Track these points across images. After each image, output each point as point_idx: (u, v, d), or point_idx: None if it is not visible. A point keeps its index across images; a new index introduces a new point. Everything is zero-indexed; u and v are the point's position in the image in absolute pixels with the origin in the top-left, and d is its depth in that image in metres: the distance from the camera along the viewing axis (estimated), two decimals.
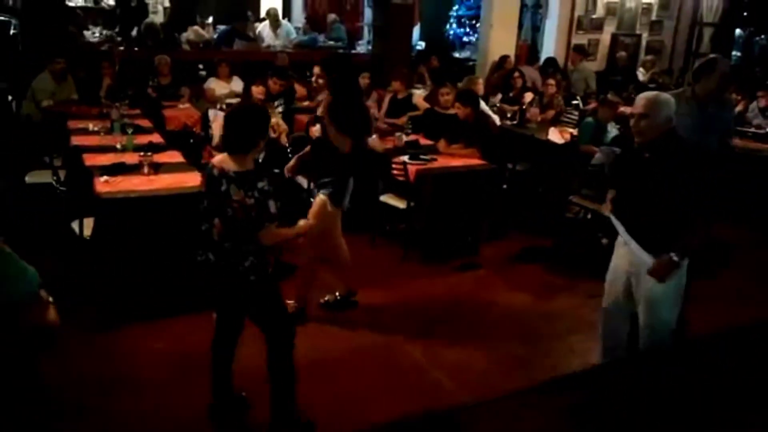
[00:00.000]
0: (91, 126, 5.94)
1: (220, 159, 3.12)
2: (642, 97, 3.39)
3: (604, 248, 5.71)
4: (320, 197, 4.34)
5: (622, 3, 11.15)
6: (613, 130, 6.29)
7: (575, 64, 9.88)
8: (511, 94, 8.38)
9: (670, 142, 3.30)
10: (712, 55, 4.44)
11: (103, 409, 3.43)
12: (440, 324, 4.52)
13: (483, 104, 6.85)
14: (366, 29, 11.57)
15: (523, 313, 4.80)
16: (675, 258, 3.23)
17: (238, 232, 3.03)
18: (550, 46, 10.77)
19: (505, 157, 6.38)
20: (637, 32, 11.46)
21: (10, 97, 7.31)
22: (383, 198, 5.67)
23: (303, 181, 5.94)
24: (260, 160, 6.23)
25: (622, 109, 6.74)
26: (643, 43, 11.57)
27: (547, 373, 3.97)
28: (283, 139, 6.54)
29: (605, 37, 11.17)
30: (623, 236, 3.45)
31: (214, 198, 3.06)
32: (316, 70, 7.89)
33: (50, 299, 2.47)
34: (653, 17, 11.54)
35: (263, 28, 10.49)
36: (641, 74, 10.49)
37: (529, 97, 8.03)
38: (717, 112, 4.32)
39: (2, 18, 8.73)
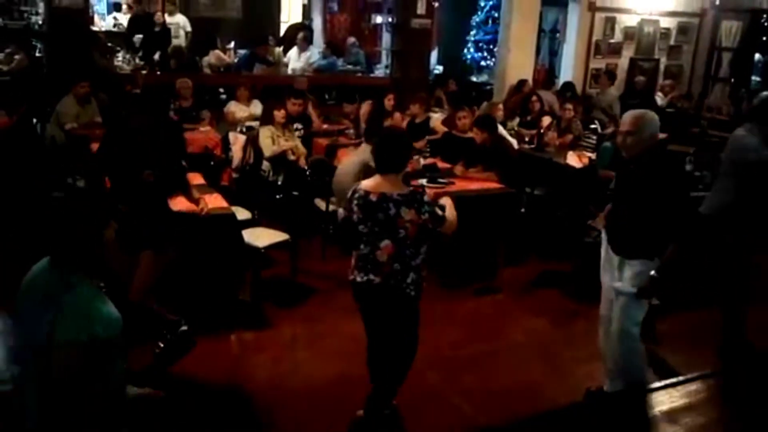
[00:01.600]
0: None
1: (370, 185, 3.28)
2: (628, 115, 3.65)
3: None
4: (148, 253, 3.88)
5: (641, 28, 11.18)
6: None
7: (604, 88, 9.88)
8: (528, 118, 8.40)
9: (654, 156, 3.54)
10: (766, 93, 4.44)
11: None
12: (459, 348, 4.50)
13: (501, 128, 6.88)
14: (384, 53, 11.69)
15: (542, 337, 4.77)
16: (655, 275, 3.47)
17: (410, 250, 3.23)
18: (567, 71, 10.81)
19: (523, 181, 6.39)
20: (656, 57, 11.46)
21: (35, 120, 7.44)
22: None
23: (321, 204, 5.98)
24: (279, 183, 6.34)
25: None
26: (662, 67, 11.56)
27: (567, 398, 3.94)
28: (302, 162, 6.61)
29: (623, 62, 11.18)
30: (609, 252, 3.72)
31: (380, 222, 3.21)
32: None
33: None
34: (672, 42, 11.54)
35: (293, 53, 10.61)
36: (660, 98, 10.47)
37: (547, 121, 8.04)
38: None
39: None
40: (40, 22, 9.51)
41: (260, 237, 4.97)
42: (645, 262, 3.51)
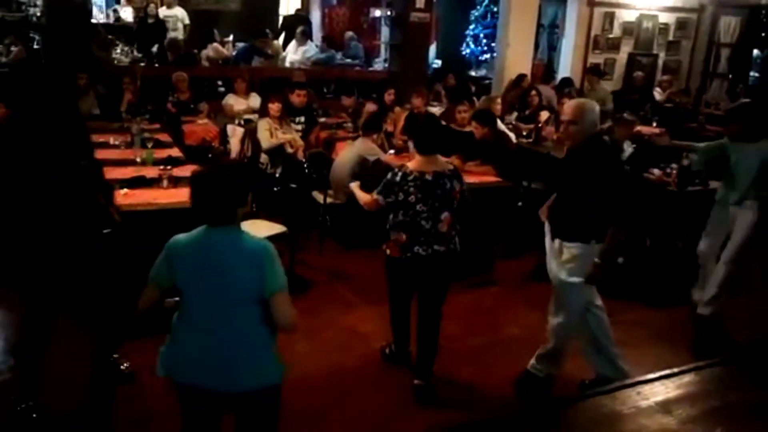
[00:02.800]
0: (112, 140, 6.04)
1: (417, 166, 3.66)
2: (569, 105, 3.79)
3: (620, 268, 5.72)
4: None
5: (639, 23, 11.19)
6: (629, 149, 6.27)
7: (592, 85, 9.93)
8: (527, 113, 8.41)
9: (594, 144, 3.65)
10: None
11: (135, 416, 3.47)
12: (455, 341, 4.51)
13: (499, 122, 6.89)
14: (383, 47, 11.68)
15: (538, 330, 4.76)
16: (598, 261, 3.60)
17: (457, 217, 3.72)
18: (566, 66, 10.82)
19: (521, 174, 6.39)
20: (654, 52, 11.48)
21: None
22: None
23: (319, 197, 6.00)
24: (277, 175, 6.35)
25: (638, 128, 6.74)
26: (660, 62, 11.58)
27: (563, 391, 3.96)
28: (300, 155, 6.62)
29: (622, 57, 11.20)
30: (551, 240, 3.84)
31: (439, 198, 3.64)
32: None
33: None
34: (670, 37, 11.55)
35: (291, 46, 10.62)
36: (658, 94, 10.49)
37: (545, 115, 8.05)
38: None
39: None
40: (38, 14, 9.50)
41: (258, 229, 4.97)
42: (581, 245, 3.64)
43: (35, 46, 9.15)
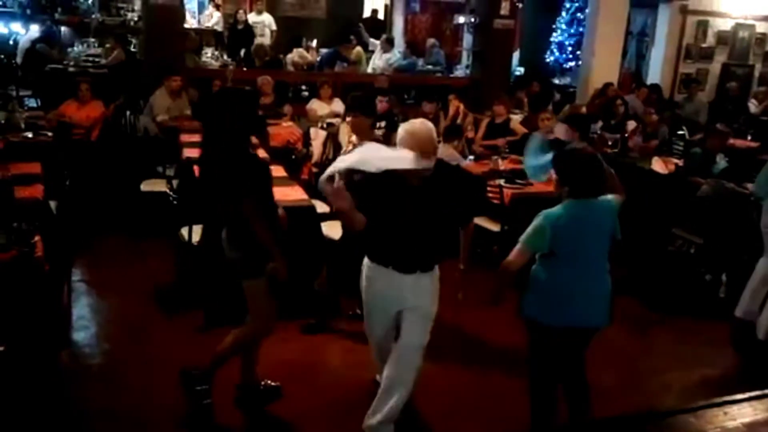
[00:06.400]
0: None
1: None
2: (404, 131, 3.17)
3: (707, 284, 5.50)
4: None
5: (735, 32, 10.74)
6: (722, 162, 6.02)
7: (691, 96, 9.64)
8: (612, 122, 8.21)
9: (439, 169, 3.21)
10: None
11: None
12: None
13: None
14: (465, 54, 11.66)
15: (617, 345, 4.64)
16: (462, 267, 3.50)
17: None
18: (655, 75, 10.52)
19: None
20: (750, 63, 10.99)
21: (128, 112, 7.81)
22: (477, 221, 5.65)
23: None
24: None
25: (732, 141, 6.48)
26: (756, 73, 11.08)
27: (638, 408, 3.85)
28: None
29: (715, 67, 10.79)
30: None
31: None
32: None
33: None
34: None
35: (376, 52, 10.78)
36: (753, 106, 10.04)
37: (632, 125, 7.85)
38: None
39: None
40: (136, 19, 10.00)
41: (337, 229, 5.06)
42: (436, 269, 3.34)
43: (132, 49, 9.64)
